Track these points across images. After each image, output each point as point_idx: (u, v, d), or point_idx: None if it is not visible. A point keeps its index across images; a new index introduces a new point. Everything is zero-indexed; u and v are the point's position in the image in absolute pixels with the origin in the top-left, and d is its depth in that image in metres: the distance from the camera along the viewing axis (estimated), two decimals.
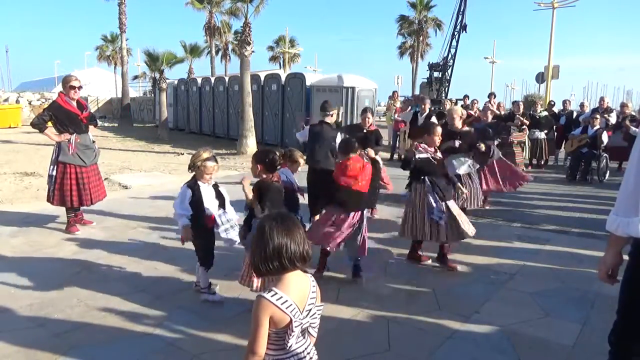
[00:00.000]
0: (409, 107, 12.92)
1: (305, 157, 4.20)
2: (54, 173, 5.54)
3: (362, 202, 4.16)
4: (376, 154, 6.20)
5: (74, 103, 5.55)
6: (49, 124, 5.54)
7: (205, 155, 3.72)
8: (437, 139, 4.63)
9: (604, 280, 2.10)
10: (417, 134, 5.70)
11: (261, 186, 3.52)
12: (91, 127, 5.89)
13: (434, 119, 8.45)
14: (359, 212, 4.16)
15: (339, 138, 5.44)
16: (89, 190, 5.66)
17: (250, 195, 3.52)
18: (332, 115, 5.67)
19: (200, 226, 3.75)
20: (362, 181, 4.03)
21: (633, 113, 12.39)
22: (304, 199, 4.68)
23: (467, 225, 4.52)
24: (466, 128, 5.78)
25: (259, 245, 1.65)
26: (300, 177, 5.07)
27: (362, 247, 4.23)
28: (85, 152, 5.62)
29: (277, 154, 3.65)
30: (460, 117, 5.67)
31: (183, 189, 3.75)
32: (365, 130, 6.03)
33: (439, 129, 4.67)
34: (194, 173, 3.78)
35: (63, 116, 5.49)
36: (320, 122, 5.80)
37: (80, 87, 5.60)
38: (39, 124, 5.45)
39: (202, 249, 3.86)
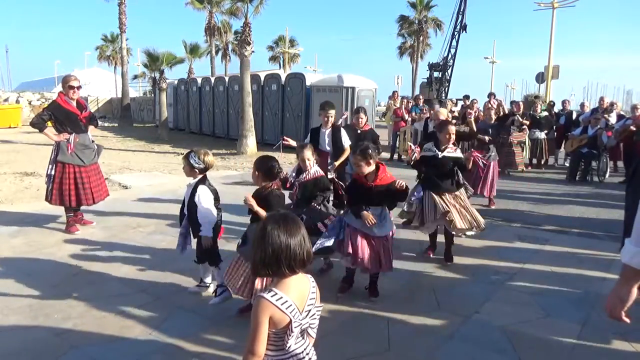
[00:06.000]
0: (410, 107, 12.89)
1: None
2: (53, 172, 5.55)
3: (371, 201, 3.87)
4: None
5: (74, 103, 5.56)
6: (49, 123, 5.55)
7: (212, 158, 3.86)
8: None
9: (619, 319, 1.81)
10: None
11: (259, 195, 3.45)
12: (91, 127, 5.90)
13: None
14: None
15: (326, 139, 5.51)
16: (89, 189, 5.65)
17: (261, 211, 3.36)
18: (328, 118, 5.58)
19: (218, 227, 3.79)
20: (371, 182, 3.86)
21: (622, 113, 12.47)
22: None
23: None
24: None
25: (259, 247, 1.64)
26: None
27: (384, 262, 3.90)
28: (84, 151, 5.62)
29: (277, 162, 3.54)
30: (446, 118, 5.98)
31: (205, 190, 3.70)
32: (359, 131, 5.85)
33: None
34: (202, 175, 3.81)
35: (62, 116, 5.50)
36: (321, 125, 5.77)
37: (79, 87, 5.60)
38: (38, 124, 5.45)
39: (213, 249, 3.82)
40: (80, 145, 5.58)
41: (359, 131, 5.86)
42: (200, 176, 3.81)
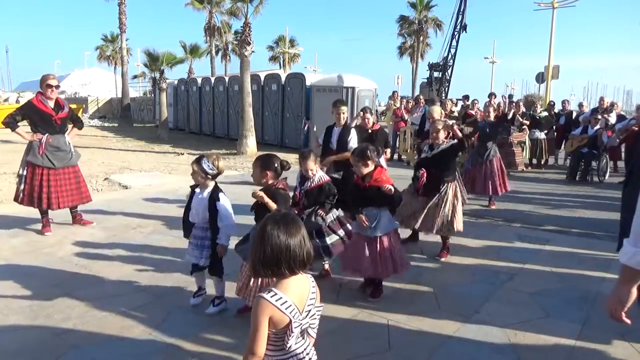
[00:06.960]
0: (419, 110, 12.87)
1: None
2: (24, 173, 5.46)
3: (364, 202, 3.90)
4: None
5: (51, 103, 5.42)
6: (25, 122, 5.43)
7: (223, 163, 3.61)
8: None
9: (619, 320, 1.80)
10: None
11: (267, 191, 3.36)
12: (87, 128, 5.86)
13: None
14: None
15: (335, 137, 5.42)
16: (56, 194, 5.46)
17: (272, 203, 3.27)
18: (340, 115, 5.49)
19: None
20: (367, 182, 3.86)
21: (622, 113, 12.48)
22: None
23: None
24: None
25: (259, 247, 1.64)
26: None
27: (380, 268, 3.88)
28: (55, 154, 5.45)
29: (280, 158, 3.43)
30: (441, 115, 6.08)
31: (228, 201, 3.48)
32: (370, 131, 5.73)
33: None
34: (215, 182, 3.58)
35: (35, 116, 5.38)
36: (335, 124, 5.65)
37: (57, 87, 5.47)
38: (9, 123, 5.33)
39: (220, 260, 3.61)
40: (52, 147, 5.41)
41: (369, 131, 5.73)
42: (213, 183, 3.54)
